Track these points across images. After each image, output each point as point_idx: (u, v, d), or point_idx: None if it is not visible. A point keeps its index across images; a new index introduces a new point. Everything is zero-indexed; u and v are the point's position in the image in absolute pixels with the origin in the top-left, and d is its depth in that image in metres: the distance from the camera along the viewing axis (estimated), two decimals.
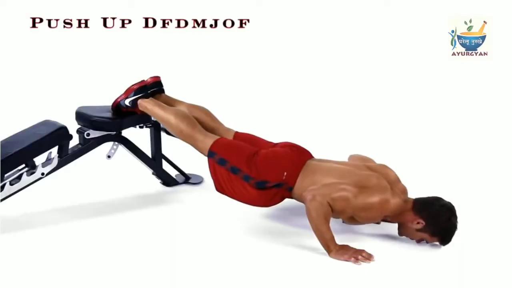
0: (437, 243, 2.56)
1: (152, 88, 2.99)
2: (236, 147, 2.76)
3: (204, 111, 3.00)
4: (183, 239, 2.66)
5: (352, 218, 2.57)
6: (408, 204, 2.56)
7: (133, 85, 2.98)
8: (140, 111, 2.98)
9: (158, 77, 3.04)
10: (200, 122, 2.89)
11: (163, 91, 3.04)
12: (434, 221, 2.50)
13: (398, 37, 4.78)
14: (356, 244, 2.49)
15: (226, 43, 4.76)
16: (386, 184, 2.56)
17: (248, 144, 2.80)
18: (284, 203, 3.03)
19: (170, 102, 3.01)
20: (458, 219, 2.51)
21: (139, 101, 2.96)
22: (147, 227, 2.78)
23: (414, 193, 2.65)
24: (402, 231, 2.61)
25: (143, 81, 3.00)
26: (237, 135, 2.91)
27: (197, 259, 2.47)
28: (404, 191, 2.65)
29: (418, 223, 2.52)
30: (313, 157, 2.79)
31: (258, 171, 2.65)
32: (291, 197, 2.71)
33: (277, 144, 2.83)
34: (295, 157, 2.71)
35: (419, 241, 2.59)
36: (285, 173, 2.65)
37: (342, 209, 2.51)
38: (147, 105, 2.94)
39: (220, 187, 2.74)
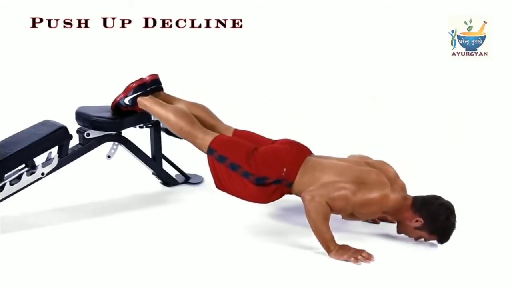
0: (435, 241, 2.56)
1: (151, 86, 2.99)
2: (235, 144, 2.76)
3: (203, 108, 3.00)
4: (183, 239, 2.66)
5: (352, 215, 2.57)
6: (407, 201, 2.55)
7: (131, 83, 2.98)
8: (139, 109, 2.99)
9: (156, 75, 3.04)
10: (199, 120, 2.89)
11: (161, 88, 3.05)
12: (432, 220, 2.49)
13: (399, 37, 4.78)
14: (356, 244, 2.49)
15: (225, 43, 4.76)
16: (385, 179, 2.56)
17: (247, 141, 2.80)
18: (284, 202, 3.03)
19: (169, 100, 3.02)
20: (458, 219, 2.51)
21: (139, 99, 2.96)
22: (147, 227, 2.78)
23: (414, 192, 2.64)
24: (400, 228, 2.61)
25: (141, 79, 3.00)
26: (236, 132, 2.91)
27: (197, 259, 2.47)
28: (403, 187, 2.65)
29: (416, 221, 2.51)
30: (312, 153, 2.79)
31: (257, 167, 2.66)
32: (291, 193, 2.71)
33: (276, 141, 2.84)
34: (295, 153, 2.71)
35: (417, 239, 2.59)
36: (285, 169, 2.65)
37: (342, 208, 2.51)
38: (146, 103, 2.94)
39: (220, 184, 2.74)
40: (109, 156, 3.04)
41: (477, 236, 2.67)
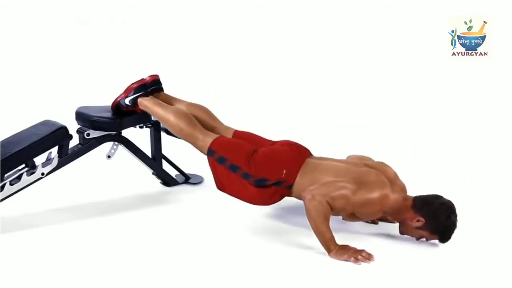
0: (437, 241, 2.56)
1: (151, 87, 3.00)
2: (235, 146, 2.76)
3: (204, 109, 3.00)
4: (183, 239, 2.66)
5: (353, 215, 2.57)
6: (408, 201, 2.56)
7: (132, 83, 2.98)
8: (140, 109, 2.99)
9: (157, 76, 3.05)
10: (199, 121, 2.89)
11: (162, 89, 3.05)
12: (433, 219, 2.50)
13: (399, 37, 4.78)
14: (356, 244, 2.49)
15: (225, 43, 4.77)
16: (385, 179, 2.57)
17: (247, 142, 2.80)
18: (284, 202, 3.03)
19: (169, 101, 3.02)
20: (458, 219, 2.51)
21: (139, 100, 2.96)
22: (147, 227, 2.78)
23: (414, 192, 2.64)
24: (402, 229, 2.61)
25: (142, 79, 3.00)
26: (237, 133, 2.92)
27: (197, 258, 2.47)
28: (403, 188, 2.65)
29: (418, 220, 2.52)
30: (312, 155, 2.79)
31: (257, 169, 2.66)
32: (291, 195, 2.71)
33: (276, 142, 2.84)
34: (295, 155, 2.71)
35: (418, 238, 2.59)
36: (285, 171, 2.65)
37: (342, 207, 2.52)
38: (147, 103, 2.94)
39: (221, 185, 2.75)
40: (109, 156, 3.04)
41: (477, 236, 2.67)
